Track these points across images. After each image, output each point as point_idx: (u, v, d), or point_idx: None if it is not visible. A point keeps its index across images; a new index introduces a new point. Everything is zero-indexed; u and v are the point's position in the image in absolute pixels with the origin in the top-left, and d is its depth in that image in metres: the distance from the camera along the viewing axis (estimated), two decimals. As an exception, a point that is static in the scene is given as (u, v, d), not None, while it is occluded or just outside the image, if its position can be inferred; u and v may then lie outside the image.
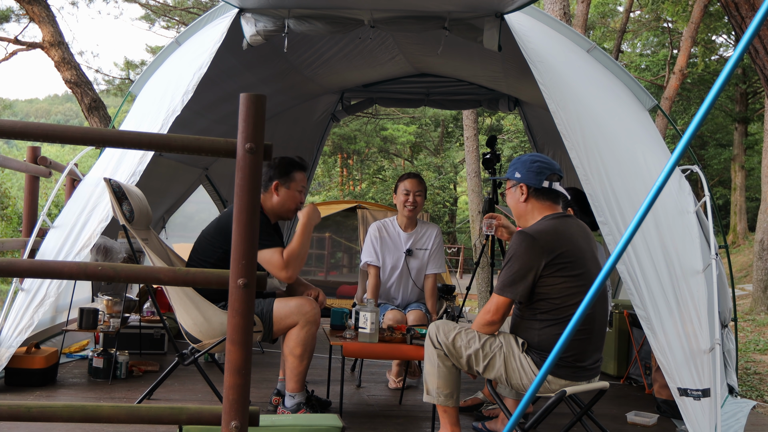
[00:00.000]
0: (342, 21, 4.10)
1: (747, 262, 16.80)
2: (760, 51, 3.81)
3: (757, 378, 6.39)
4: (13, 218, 16.96)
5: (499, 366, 2.95)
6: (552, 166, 3.03)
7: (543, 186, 2.98)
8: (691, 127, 1.62)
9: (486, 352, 2.96)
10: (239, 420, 1.66)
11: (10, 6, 12.07)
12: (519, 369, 2.92)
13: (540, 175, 2.99)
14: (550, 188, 2.99)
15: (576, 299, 2.77)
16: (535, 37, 4.04)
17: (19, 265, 1.77)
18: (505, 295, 2.88)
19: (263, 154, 1.69)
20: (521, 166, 3.04)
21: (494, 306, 2.91)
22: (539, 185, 2.99)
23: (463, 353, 2.98)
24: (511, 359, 2.94)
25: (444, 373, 3.04)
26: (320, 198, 28.75)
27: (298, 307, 3.49)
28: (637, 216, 1.75)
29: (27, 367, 3.97)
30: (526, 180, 3.01)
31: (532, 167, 3.01)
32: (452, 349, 3.00)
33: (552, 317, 2.86)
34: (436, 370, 3.05)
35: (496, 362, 2.95)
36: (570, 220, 3.01)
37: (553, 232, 2.88)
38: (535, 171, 2.99)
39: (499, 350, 2.96)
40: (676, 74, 14.84)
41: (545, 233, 2.88)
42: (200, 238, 3.67)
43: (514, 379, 2.95)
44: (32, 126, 1.70)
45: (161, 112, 4.05)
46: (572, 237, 2.90)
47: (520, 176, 3.02)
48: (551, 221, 2.95)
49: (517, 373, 2.93)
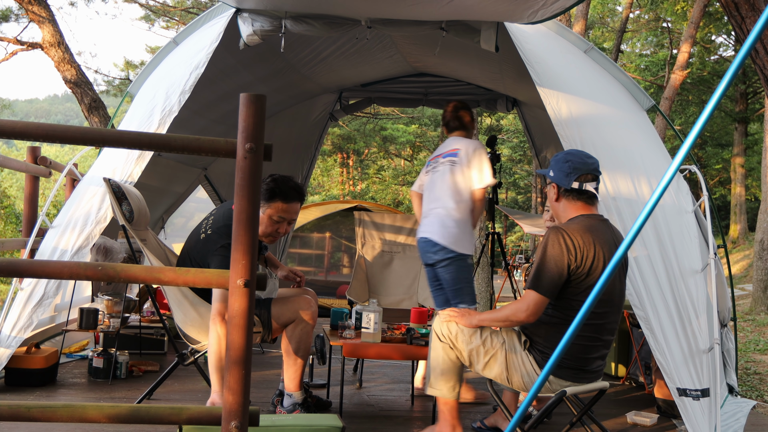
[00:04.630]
0: (339, 21, 4.11)
1: (747, 262, 16.80)
2: (760, 51, 3.81)
3: (757, 378, 6.39)
4: (12, 217, 16.97)
5: (500, 363, 2.95)
6: (586, 165, 2.91)
7: (572, 187, 2.90)
8: (691, 135, 1.62)
9: (487, 348, 2.96)
10: (239, 420, 1.66)
11: (9, 6, 12.07)
12: (520, 366, 2.92)
13: (570, 175, 2.90)
14: (580, 189, 2.90)
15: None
16: (533, 38, 4.04)
17: (19, 265, 1.77)
18: (542, 294, 2.77)
19: (263, 154, 1.69)
20: (555, 164, 2.96)
21: (533, 304, 2.78)
22: (569, 186, 2.90)
23: (464, 348, 2.99)
24: (512, 356, 2.94)
25: (447, 365, 3.04)
26: (320, 198, 28.75)
27: (295, 306, 3.49)
28: (637, 222, 1.75)
29: (27, 367, 3.97)
30: (557, 180, 2.94)
31: (563, 167, 2.92)
32: (455, 342, 3.01)
33: (563, 317, 2.82)
34: (440, 362, 3.05)
35: (497, 359, 2.95)
36: (603, 224, 2.92)
37: (583, 232, 2.80)
38: (565, 171, 2.91)
39: (500, 347, 2.95)
40: (676, 74, 14.84)
41: (576, 232, 2.80)
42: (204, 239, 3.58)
43: (515, 378, 2.95)
44: (32, 126, 1.70)
45: (159, 112, 4.06)
46: (602, 242, 2.82)
47: (553, 175, 2.96)
48: (584, 220, 2.87)
49: (519, 371, 2.92)
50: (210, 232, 3.43)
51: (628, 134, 4.14)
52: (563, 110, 3.72)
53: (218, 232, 3.39)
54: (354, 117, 22.55)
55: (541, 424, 3.69)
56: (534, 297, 2.78)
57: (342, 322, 3.95)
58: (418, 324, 4.12)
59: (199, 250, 3.45)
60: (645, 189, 3.70)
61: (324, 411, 3.73)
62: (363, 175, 30.92)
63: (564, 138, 3.64)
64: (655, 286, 3.43)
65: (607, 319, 2.86)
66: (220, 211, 3.54)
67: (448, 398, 3.07)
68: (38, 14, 9.52)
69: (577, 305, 2.75)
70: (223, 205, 3.63)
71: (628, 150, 3.93)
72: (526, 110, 7.06)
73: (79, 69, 9.82)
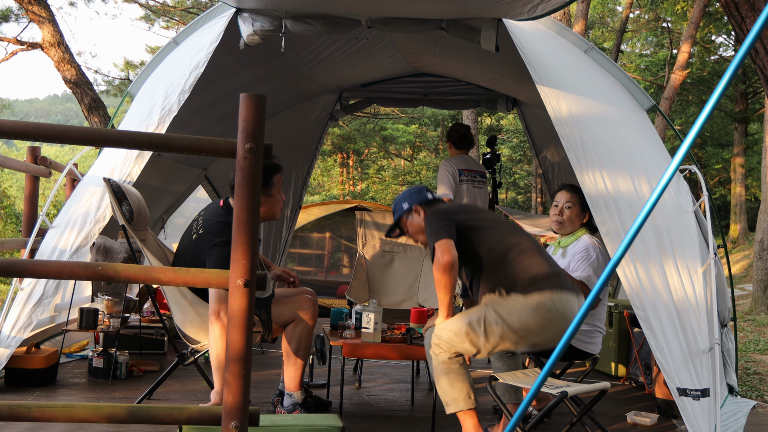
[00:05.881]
0: (339, 21, 4.11)
1: (747, 262, 16.80)
2: (760, 51, 3.81)
3: (757, 378, 6.39)
4: (12, 217, 16.96)
5: (494, 319, 2.97)
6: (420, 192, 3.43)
7: (428, 198, 3.37)
8: (690, 135, 1.62)
9: (474, 319, 3.01)
10: (239, 420, 1.66)
11: (9, 6, 12.07)
12: (510, 306, 2.98)
13: (419, 193, 3.38)
14: (434, 198, 3.40)
15: (502, 233, 3.15)
16: (533, 37, 4.04)
17: (19, 265, 1.77)
18: (444, 238, 3.06)
19: (263, 154, 1.69)
20: (401, 201, 3.40)
21: (441, 249, 3.04)
22: (422, 200, 3.35)
23: (461, 336, 3.01)
24: (499, 306, 3.00)
25: (455, 377, 3.04)
26: (320, 198, 28.74)
27: (296, 306, 3.49)
28: (636, 222, 1.75)
29: (27, 367, 3.98)
30: (413, 202, 3.36)
31: (410, 193, 3.41)
32: (451, 339, 3.02)
33: (486, 247, 3.12)
34: (447, 377, 3.05)
35: (489, 319, 2.99)
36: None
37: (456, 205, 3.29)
38: (415, 192, 3.40)
39: (484, 307, 3.03)
40: (676, 74, 14.83)
41: (451, 206, 3.35)
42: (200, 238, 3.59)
43: (515, 322, 2.96)
44: (32, 126, 1.70)
45: (158, 111, 4.05)
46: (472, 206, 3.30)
47: (408, 204, 3.36)
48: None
49: (515, 314, 2.96)
50: (202, 231, 3.45)
51: (628, 134, 4.13)
52: (563, 110, 3.72)
53: (209, 231, 3.42)
54: (354, 117, 22.54)
55: (541, 424, 3.69)
56: (443, 242, 3.05)
57: (342, 322, 3.95)
58: (418, 324, 4.12)
59: (192, 251, 3.46)
60: (645, 189, 3.69)
61: (324, 411, 3.73)
62: (363, 175, 30.90)
63: (564, 138, 3.63)
64: (655, 286, 3.42)
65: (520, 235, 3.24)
66: (209, 210, 3.58)
67: (468, 408, 3.06)
68: (38, 14, 9.52)
69: (475, 238, 3.14)
70: (210, 204, 3.66)
71: (628, 150, 3.93)
72: (526, 110, 7.06)
73: (79, 69, 9.82)
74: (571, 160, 3.60)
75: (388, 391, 4.47)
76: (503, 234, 3.18)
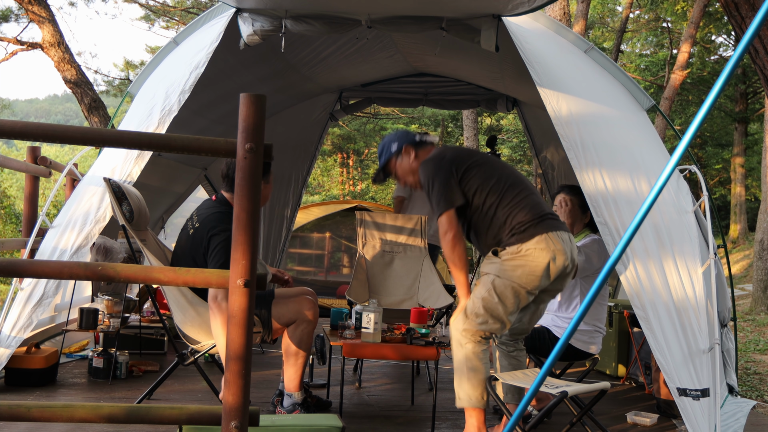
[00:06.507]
0: (339, 21, 4.11)
1: (747, 262, 16.80)
2: (760, 51, 3.80)
3: (757, 378, 6.39)
4: (12, 217, 16.96)
5: (503, 283, 3.04)
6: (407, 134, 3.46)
7: (416, 140, 3.39)
8: (688, 133, 1.62)
9: (487, 290, 3.06)
10: (239, 420, 1.66)
11: (9, 6, 12.06)
12: (513, 264, 3.04)
13: (407, 135, 3.41)
14: (422, 140, 3.41)
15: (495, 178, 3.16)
16: (533, 37, 4.04)
17: (19, 265, 1.77)
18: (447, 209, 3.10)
19: (263, 154, 1.69)
20: (390, 142, 3.41)
21: (446, 221, 3.09)
22: (413, 140, 3.38)
23: (481, 313, 3.06)
24: (502, 269, 3.05)
25: (476, 373, 3.06)
26: (320, 198, 28.74)
27: (296, 306, 3.49)
28: (635, 220, 1.75)
29: (27, 367, 3.97)
30: (403, 142, 3.37)
31: (398, 135, 3.43)
32: (474, 321, 3.06)
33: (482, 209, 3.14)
34: (469, 372, 3.07)
35: (497, 284, 3.05)
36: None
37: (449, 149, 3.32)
38: (403, 134, 3.42)
39: (488, 277, 3.08)
40: (676, 74, 14.83)
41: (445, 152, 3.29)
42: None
43: (521, 276, 3.03)
44: (32, 126, 1.70)
45: (158, 111, 4.06)
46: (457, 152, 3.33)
47: (396, 147, 3.37)
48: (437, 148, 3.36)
49: (518, 269, 3.03)
50: (198, 225, 3.50)
51: (628, 134, 4.13)
52: (563, 110, 3.72)
53: (205, 223, 3.46)
54: (354, 117, 22.53)
55: (541, 424, 3.69)
56: (444, 216, 3.11)
57: (342, 322, 3.95)
58: (418, 324, 4.11)
59: (190, 246, 3.50)
60: (645, 188, 3.69)
61: (324, 411, 3.73)
62: (363, 175, 30.89)
63: (564, 138, 3.64)
64: (655, 286, 3.42)
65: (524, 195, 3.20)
66: (202, 206, 3.64)
67: (480, 407, 3.10)
68: (38, 14, 9.52)
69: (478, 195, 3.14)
70: (203, 202, 3.71)
71: (628, 150, 3.93)
72: (526, 110, 7.06)
73: (79, 69, 9.81)
74: (571, 160, 3.60)
75: (388, 391, 4.47)
76: (496, 179, 3.19)
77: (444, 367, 5.00)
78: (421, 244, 5.17)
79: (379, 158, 3.47)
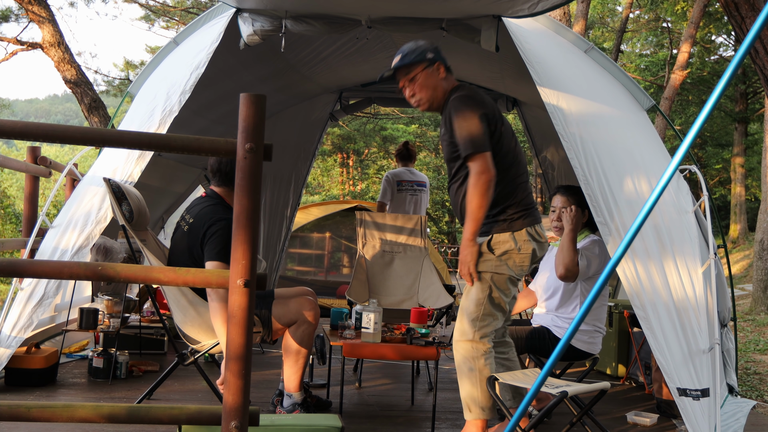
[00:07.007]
0: (339, 21, 4.11)
1: (747, 262, 16.80)
2: (760, 51, 3.81)
3: (757, 378, 6.39)
4: (12, 217, 16.97)
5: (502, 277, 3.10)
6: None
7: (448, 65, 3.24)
8: (690, 134, 1.62)
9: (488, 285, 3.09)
10: (239, 420, 1.66)
11: (9, 6, 12.07)
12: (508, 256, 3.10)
13: (441, 53, 3.21)
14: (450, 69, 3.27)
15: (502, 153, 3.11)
16: (533, 37, 4.04)
17: (19, 265, 1.77)
18: (483, 150, 3.01)
19: (263, 154, 1.69)
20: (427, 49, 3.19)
21: (484, 163, 3.00)
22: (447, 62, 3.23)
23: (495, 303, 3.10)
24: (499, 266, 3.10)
25: (481, 378, 3.08)
26: (320, 198, 28.74)
27: (297, 307, 3.49)
28: (636, 221, 1.75)
29: (27, 367, 3.98)
30: (442, 60, 3.20)
31: (436, 49, 3.21)
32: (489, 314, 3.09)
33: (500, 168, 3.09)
34: (473, 377, 3.08)
35: (497, 279, 3.09)
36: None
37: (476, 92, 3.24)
38: (439, 50, 3.21)
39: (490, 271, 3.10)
40: (676, 74, 14.84)
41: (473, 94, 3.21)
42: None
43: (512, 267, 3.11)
44: (32, 126, 1.70)
45: (159, 112, 4.05)
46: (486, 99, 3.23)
47: (433, 56, 3.18)
48: (467, 86, 3.29)
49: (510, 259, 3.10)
50: (192, 221, 3.50)
51: (628, 134, 4.13)
52: (563, 110, 3.72)
53: (199, 217, 3.46)
54: (354, 117, 22.55)
55: (541, 424, 3.69)
56: (481, 157, 2.99)
57: (342, 322, 3.95)
58: (418, 324, 4.12)
59: (186, 242, 3.50)
60: (645, 188, 3.69)
61: (324, 411, 3.73)
62: (363, 175, 30.91)
63: (564, 138, 3.63)
64: (655, 286, 3.42)
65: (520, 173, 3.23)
66: (193, 204, 3.65)
67: (489, 418, 3.12)
68: (38, 14, 9.52)
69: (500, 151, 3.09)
70: (194, 201, 3.72)
71: (628, 150, 3.93)
72: (526, 110, 7.05)
73: (79, 69, 9.82)
74: (571, 160, 3.60)
75: (388, 391, 4.47)
76: (512, 147, 3.20)
77: (444, 367, 5.00)
78: (421, 244, 5.17)
79: (404, 56, 3.21)
